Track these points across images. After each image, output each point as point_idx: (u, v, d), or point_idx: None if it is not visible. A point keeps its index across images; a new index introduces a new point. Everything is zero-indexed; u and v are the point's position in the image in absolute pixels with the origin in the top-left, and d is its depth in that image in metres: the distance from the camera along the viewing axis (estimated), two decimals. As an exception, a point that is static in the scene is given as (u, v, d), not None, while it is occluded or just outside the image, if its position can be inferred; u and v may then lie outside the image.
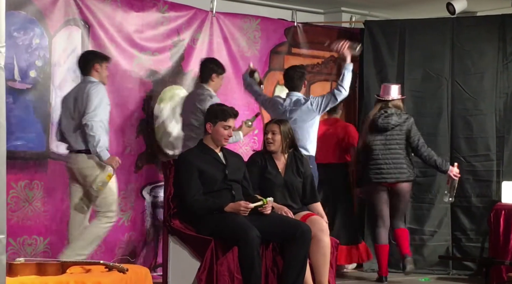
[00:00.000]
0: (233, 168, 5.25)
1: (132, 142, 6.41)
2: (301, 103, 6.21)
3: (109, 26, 6.29)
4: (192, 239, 5.07)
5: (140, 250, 6.44)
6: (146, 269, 4.43)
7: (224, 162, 5.23)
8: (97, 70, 5.69)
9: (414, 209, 7.25)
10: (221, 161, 5.24)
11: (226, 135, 5.22)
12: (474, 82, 7.25)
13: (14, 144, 5.71)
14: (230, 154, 5.37)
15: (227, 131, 5.21)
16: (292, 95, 6.28)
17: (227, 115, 5.20)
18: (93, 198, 5.63)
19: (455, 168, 6.52)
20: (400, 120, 6.54)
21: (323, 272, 5.19)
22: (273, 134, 5.51)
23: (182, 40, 6.71)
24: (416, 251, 7.13)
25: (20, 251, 5.74)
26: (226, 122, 5.20)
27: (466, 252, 7.10)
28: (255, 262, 4.84)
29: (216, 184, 5.15)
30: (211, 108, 5.34)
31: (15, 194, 5.78)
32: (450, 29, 7.31)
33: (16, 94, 5.79)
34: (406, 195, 6.62)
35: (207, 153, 5.23)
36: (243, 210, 5.02)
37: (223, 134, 5.21)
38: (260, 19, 7.23)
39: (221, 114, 5.20)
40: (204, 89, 6.22)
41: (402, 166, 6.50)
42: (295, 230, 5.01)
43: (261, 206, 5.08)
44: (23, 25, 5.83)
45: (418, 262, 7.08)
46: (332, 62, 7.65)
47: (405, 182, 6.53)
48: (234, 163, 5.30)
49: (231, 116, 5.23)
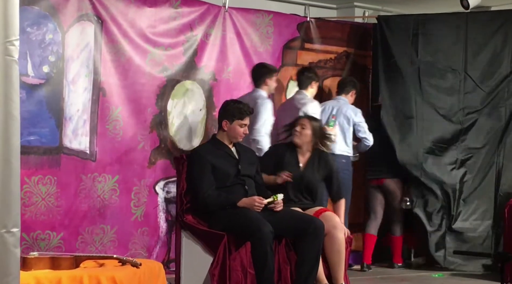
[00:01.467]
0: (246, 162, 5.24)
1: (145, 137, 6.41)
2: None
3: (122, 21, 6.29)
4: (205, 234, 5.07)
5: (153, 245, 6.44)
6: (159, 263, 4.44)
7: (237, 157, 5.23)
8: (267, 84, 6.44)
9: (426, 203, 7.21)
10: (234, 155, 5.23)
11: (242, 133, 5.24)
12: (487, 76, 7.20)
13: (27, 139, 5.73)
14: (243, 148, 5.36)
15: (243, 129, 5.22)
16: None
17: (244, 114, 5.21)
18: None
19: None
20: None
21: (338, 269, 5.17)
22: (302, 128, 5.53)
23: (195, 36, 6.69)
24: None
25: (34, 246, 5.75)
26: (243, 121, 5.21)
27: (480, 247, 7.06)
28: (268, 258, 4.82)
29: (229, 179, 5.14)
30: (227, 105, 5.31)
31: (28, 189, 5.79)
32: (464, 24, 7.27)
33: (29, 89, 5.80)
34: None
35: (220, 148, 5.22)
36: (257, 205, 5.01)
37: (239, 132, 5.21)
38: (273, 15, 7.21)
39: (238, 113, 5.20)
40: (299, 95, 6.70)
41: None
42: (308, 226, 5.00)
43: (272, 202, 5.07)
44: (37, 20, 5.83)
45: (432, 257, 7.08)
46: (345, 57, 7.63)
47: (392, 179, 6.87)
48: (247, 158, 5.29)
49: (248, 115, 5.24)
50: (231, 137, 5.24)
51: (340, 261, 5.18)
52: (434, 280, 6.61)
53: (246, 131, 5.27)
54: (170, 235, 6.44)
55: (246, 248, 4.92)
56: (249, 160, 5.31)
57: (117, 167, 6.23)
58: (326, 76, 7.53)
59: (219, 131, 5.29)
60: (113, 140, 6.23)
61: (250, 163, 5.29)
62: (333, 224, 5.20)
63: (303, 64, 7.24)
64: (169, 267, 6.30)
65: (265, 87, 6.51)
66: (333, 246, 5.15)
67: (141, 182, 6.37)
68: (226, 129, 5.22)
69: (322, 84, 7.41)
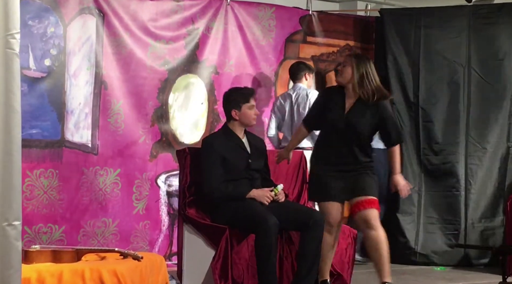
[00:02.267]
0: (256, 156, 5.21)
1: (147, 131, 6.41)
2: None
3: (123, 14, 6.28)
4: (207, 228, 5.06)
5: (155, 238, 6.45)
6: (161, 257, 4.43)
7: (249, 150, 5.22)
8: (306, 78, 6.74)
9: (431, 198, 7.22)
10: (245, 148, 5.21)
11: (253, 115, 5.20)
12: (490, 69, 7.19)
13: (29, 132, 5.74)
14: (254, 139, 5.34)
15: (253, 110, 5.19)
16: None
17: (248, 96, 5.18)
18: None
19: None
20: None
21: (381, 269, 4.85)
22: (343, 66, 5.04)
23: (196, 29, 6.69)
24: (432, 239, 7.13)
25: (36, 239, 5.77)
26: (250, 103, 5.18)
27: (482, 241, 7.06)
28: (272, 251, 4.80)
29: (238, 172, 5.12)
30: (229, 95, 5.24)
31: (30, 182, 5.80)
32: (467, 17, 7.25)
33: (31, 83, 5.80)
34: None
35: (231, 139, 5.19)
36: (268, 197, 5.02)
37: (251, 114, 5.18)
38: (275, 8, 7.20)
39: (242, 97, 5.17)
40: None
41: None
42: (308, 219, 4.93)
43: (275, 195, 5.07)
44: (38, 13, 5.84)
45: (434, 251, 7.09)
46: (348, 50, 7.61)
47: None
48: (258, 151, 5.26)
49: (251, 95, 5.22)
50: (245, 124, 5.21)
51: (379, 261, 4.82)
52: (436, 273, 6.61)
53: (256, 112, 5.24)
54: (172, 228, 6.45)
55: (248, 242, 4.92)
56: (260, 152, 5.28)
57: (118, 160, 6.24)
58: (329, 70, 7.52)
59: (230, 121, 5.22)
60: (114, 134, 6.23)
61: (260, 156, 5.27)
62: (367, 224, 4.85)
63: (305, 58, 7.24)
64: (171, 260, 6.31)
65: (304, 81, 6.73)
66: (371, 245, 4.86)
67: (142, 175, 6.37)
68: (237, 118, 5.17)
69: (325, 77, 7.40)
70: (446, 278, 6.34)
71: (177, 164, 5.60)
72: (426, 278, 6.28)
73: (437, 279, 6.27)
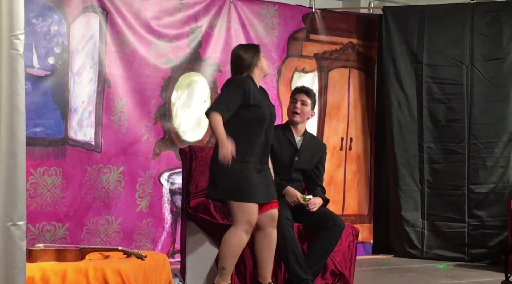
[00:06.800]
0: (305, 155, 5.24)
1: (150, 129, 6.42)
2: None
3: (126, 13, 6.29)
4: (210, 225, 5.08)
5: (158, 236, 6.46)
6: (164, 255, 4.45)
7: (298, 148, 5.23)
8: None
9: (433, 196, 7.23)
10: (295, 144, 5.23)
11: (292, 109, 5.22)
12: (493, 68, 7.19)
13: (33, 130, 5.76)
14: (312, 140, 5.37)
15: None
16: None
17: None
18: None
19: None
20: None
21: (269, 269, 4.79)
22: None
23: (199, 27, 6.69)
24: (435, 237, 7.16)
25: (39, 237, 5.79)
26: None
27: (485, 239, 7.07)
28: (287, 241, 4.84)
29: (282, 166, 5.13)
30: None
31: (34, 181, 5.82)
32: (470, 15, 7.24)
33: (35, 81, 5.82)
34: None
35: (284, 133, 5.22)
36: (295, 202, 5.09)
37: (289, 108, 5.25)
38: (278, 5, 7.20)
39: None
40: None
41: None
42: (327, 220, 5.06)
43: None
44: (42, 12, 5.85)
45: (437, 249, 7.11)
46: (351, 48, 7.61)
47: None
48: (308, 151, 5.28)
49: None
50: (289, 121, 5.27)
51: (271, 258, 4.79)
52: (438, 271, 6.62)
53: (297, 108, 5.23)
54: (175, 226, 6.47)
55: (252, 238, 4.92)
56: (310, 153, 5.31)
57: (122, 158, 6.26)
58: (332, 68, 7.52)
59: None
60: (118, 132, 6.25)
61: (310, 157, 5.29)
62: (272, 223, 4.73)
63: (308, 55, 7.24)
64: (174, 258, 6.32)
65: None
66: (267, 242, 4.76)
67: (145, 173, 6.38)
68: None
69: (327, 76, 7.40)
70: (449, 275, 6.35)
71: (180, 161, 5.61)
72: (429, 276, 6.29)
73: (440, 277, 6.28)
